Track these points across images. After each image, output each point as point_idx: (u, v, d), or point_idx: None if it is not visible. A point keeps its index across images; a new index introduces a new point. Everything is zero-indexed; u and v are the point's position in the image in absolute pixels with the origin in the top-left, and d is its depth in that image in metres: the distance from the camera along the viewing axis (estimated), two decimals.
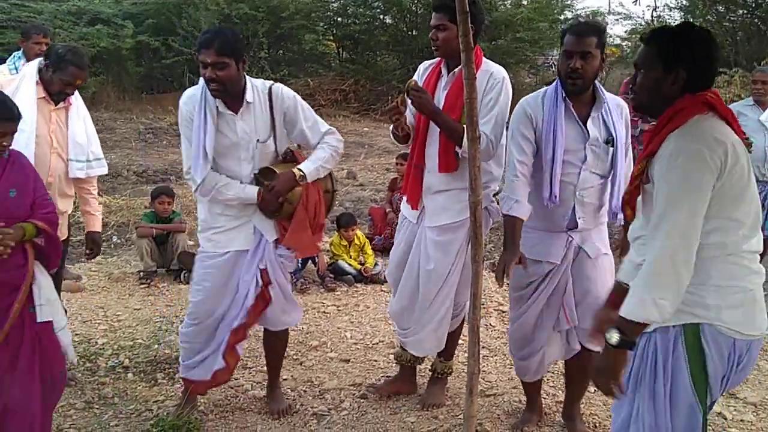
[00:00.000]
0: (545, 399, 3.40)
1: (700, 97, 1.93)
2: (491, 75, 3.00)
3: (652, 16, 15.18)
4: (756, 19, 14.04)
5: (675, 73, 1.93)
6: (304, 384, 3.64)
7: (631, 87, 2.10)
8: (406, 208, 3.32)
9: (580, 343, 2.98)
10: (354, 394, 3.53)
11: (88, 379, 3.62)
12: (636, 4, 23.62)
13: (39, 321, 2.59)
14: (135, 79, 14.42)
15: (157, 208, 5.54)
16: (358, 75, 15.18)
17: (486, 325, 4.41)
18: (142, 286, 5.13)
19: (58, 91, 3.30)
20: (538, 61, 16.14)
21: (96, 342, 4.07)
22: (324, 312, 4.74)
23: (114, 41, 13.07)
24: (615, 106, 2.88)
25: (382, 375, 3.76)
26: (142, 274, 5.25)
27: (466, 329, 2.98)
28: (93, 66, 13.77)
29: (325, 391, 3.56)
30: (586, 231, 2.89)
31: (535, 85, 14.84)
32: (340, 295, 5.13)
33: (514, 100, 2.96)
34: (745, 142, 1.99)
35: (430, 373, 3.48)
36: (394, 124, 3.12)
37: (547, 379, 3.44)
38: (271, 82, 3.10)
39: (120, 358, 3.88)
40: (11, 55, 4.72)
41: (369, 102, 14.88)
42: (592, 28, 2.76)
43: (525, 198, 2.81)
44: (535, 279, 2.94)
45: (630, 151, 2.98)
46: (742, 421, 3.32)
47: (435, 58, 3.19)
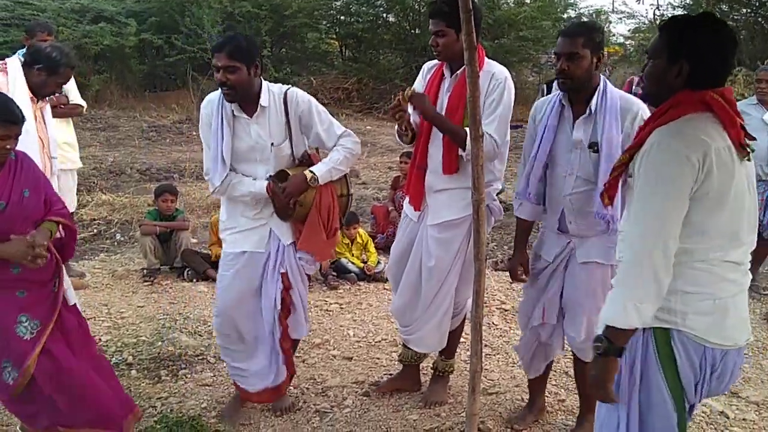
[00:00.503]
0: (547, 397, 3.40)
1: (699, 95, 1.83)
2: (493, 75, 3.00)
3: (654, 15, 15.18)
4: (759, 18, 14.01)
5: (679, 65, 1.84)
6: (306, 381, 3.65)
7: (641, 76, 2.07)
8: (408, 207, 3.33)
9: (574, 353, 3.04)
10: (357, 392, 3.54)
11: None
12: (639, 3, 23.60)
13: (70, 305, 2.78)
14: (138, 77, 14.45)
15: (160, 205, 5.55)
16: (360, 73, 15.16)
17: (488, 323, 4.41)
18: (146, 284, 5.14)
19: (51, 92, 3.32)
20: (542, 60, 16.09)
21: (100, 339, 4.07)
22: (327, 310, 4.75)
23: (117, 39, 13.08)
24: (619, 108, 2.75)
25: (384, 373, 3.77)
26: (145, 271, 5.27)
27: (467, 328, 3.00)
28: (96, 64, 13.85)
29: (328, 389, 3.57)
30: (585, 237, 2.87)
31: (538, 83, 14.83)
32: (343, 293, 5.14)
33: (517, 98, 2.97)
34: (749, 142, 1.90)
35: (432, 371, 3.49)
36: (397, 122, 3.13)
37: (549, 378, 3.44)
38: (287, 87, 3.13)
39: (123, 355, 3.90)
40: (15, 53, 4.73)
41: (372, 100, 14.87)
42: (579, 29, 2.76)
43: (533, 199, 2.89)
44: (536, 272, 3.06)
45: None
46: (744, 420, 3.32)
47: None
